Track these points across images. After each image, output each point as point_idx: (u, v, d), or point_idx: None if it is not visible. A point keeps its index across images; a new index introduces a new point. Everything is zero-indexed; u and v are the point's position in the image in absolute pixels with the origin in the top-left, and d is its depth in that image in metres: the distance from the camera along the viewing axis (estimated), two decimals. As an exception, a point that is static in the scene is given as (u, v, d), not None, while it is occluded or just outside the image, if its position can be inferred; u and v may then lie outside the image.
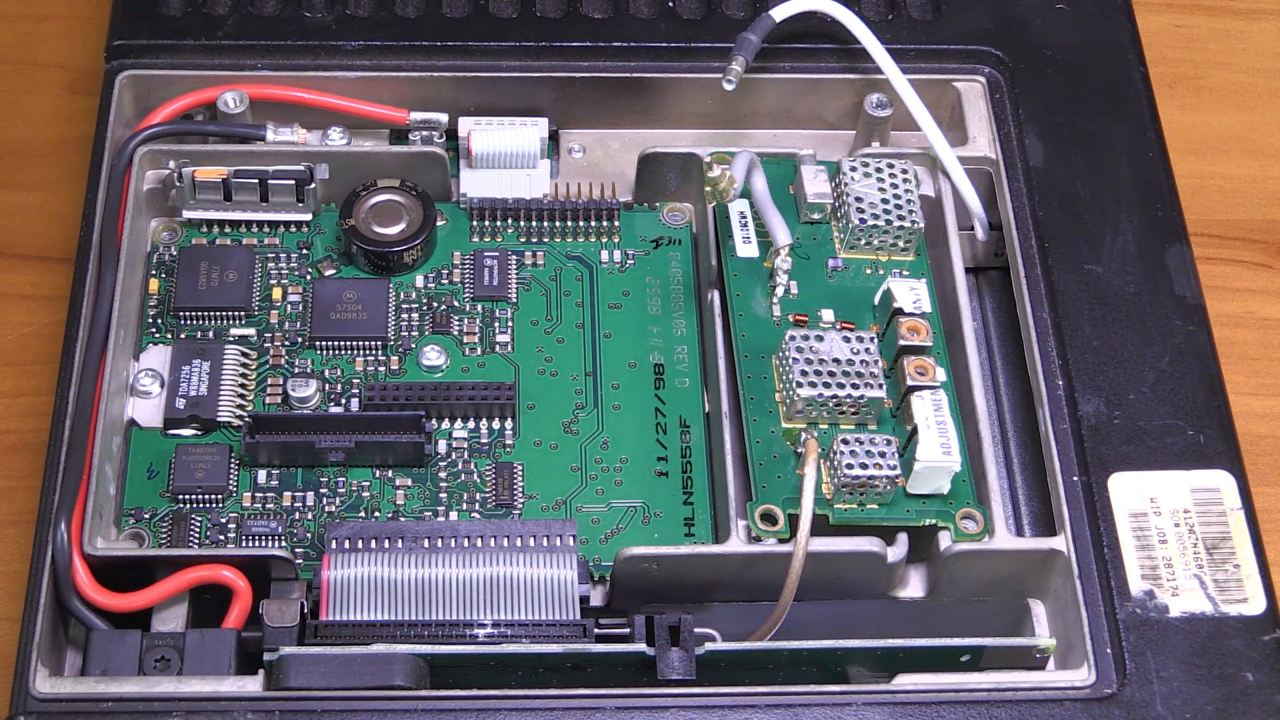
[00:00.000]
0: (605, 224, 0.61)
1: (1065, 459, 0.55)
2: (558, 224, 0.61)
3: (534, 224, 0.61)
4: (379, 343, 0.58)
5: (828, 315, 0.58)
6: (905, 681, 0.50)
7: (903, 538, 0.54)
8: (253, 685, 0.50)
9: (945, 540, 0.54)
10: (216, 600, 0.53)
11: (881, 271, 0.59)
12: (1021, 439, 0.60)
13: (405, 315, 0.59)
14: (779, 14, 0.61)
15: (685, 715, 0.49)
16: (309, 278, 0.60)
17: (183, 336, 0.59)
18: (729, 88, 0.60)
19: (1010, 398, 0.60)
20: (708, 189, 0.59)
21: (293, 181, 0.60)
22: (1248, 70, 0.74)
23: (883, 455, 0.53)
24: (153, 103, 0.62)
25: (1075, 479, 0.54)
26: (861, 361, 0.55)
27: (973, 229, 0.62)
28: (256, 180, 0.60)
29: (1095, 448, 0.55)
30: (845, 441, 0.54)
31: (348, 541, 0.53)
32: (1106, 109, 0.62)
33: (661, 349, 0.59)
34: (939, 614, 0.54)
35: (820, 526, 0.53)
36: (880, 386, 0.55)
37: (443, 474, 0.56)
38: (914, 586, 0.56)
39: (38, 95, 0.72)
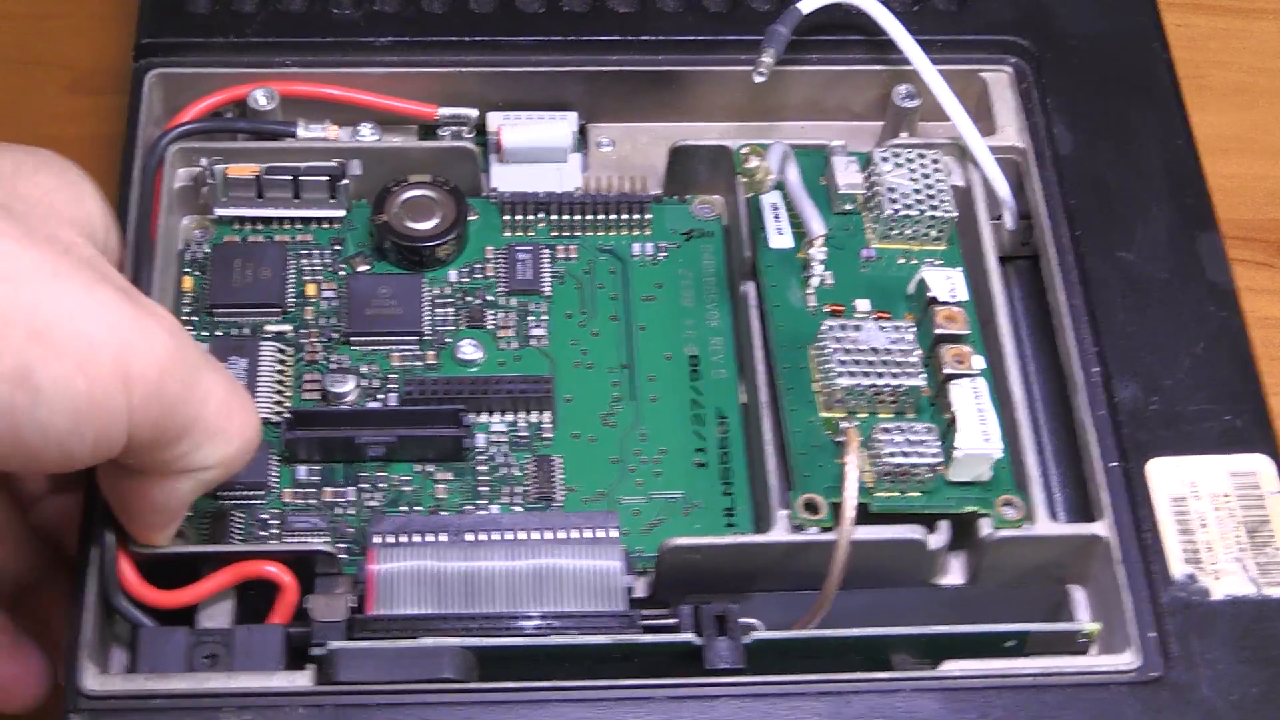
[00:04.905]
0: (636, 217, 0.62)
1: (1103, 445, 0.55)
2: (589, 218, 0.62)
3: (565, 218, 0.61)
4: (415, 338, 0.59)
5: (863, 305, 0.58)
6: (953, 668, 0.51)
7: (944, 525, 0.54)
8: (303, 680, 0.50)
9: (986, 527, 0.54)
10: (261, 596, 0.53)
11: (915, 261, 0.59)
12: (1054, 427, 0.60)
13: (440, 310, 0.59)
14: (806, 6, 0.61)
15: (736, 704, 0.49)
16: (343, 274, 0.60)
17: (218, 334, 0.59)
18: (760, 80, 0.61)
19: (1041, 386, 0.61)
20: (744, 180, 0.59)
21: (325, 178, 0.60)
22: (1248, 70, 0.74)
23: (923, 443, 0.54)
24: (182, 101, 0.62)
25: (1114, 465, 0.55)
26: (900, 350, 0.55)
27: (1001, 218, 0.62)
28: (288, 177, 0.60)
29: (1133, 433, 0.55)
30: (885, 430, 0.54)
31: (391, 536, 0.53)
32: (1134, 98, 0.62)
33: (696, 341, 0.59)
34: (980, 601, 0.54)
35: (861, 515, 0.53)
36: (919, 375, 0.55)
37: (483, 468, 0.56)
38: (954, 574, 0.56)
39: (38, 95, 0.72)
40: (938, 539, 0.54)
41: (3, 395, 0.43)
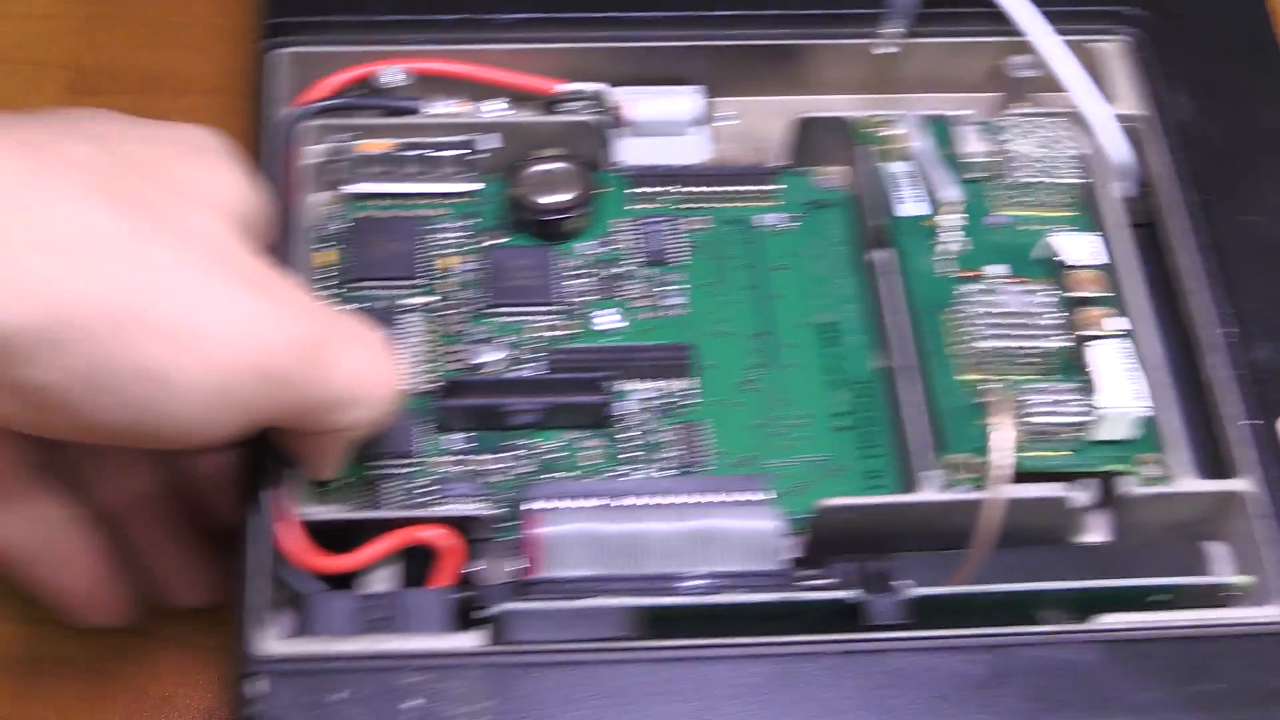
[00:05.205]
0: (763, 188, 0.63)
1: (1240, 403, 0.56)
2: (716, 189, 0.62)
3: (693, 189, 0.62)
4: (554, 308, 0.59)
5: (996, 270, 0.59)
6: (1109, 620, 0.52)
7: (1087, 484, 0.55)
8: (474, 641, 0.51)
9: (1128, 485, 0.55)
10: (420, 561, 0.54)
11: (1044, 227, 0.60)
12: (1181, 389, 0.60)
13: (577, 281, 0.60)
14: (934, -21, 0.63)
15: (904, 658, 0.50)
16: (479, 247, 0.61)
17: (357, 307, 0.59)
18: (888, 52, 0.62)
19: (1167, 349, 0.61)
20: (873, 149, 0.60)
21: (456, 153, 0.61)
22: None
23: (1067, 403, 0.55)
24: (310, 79, 0.63)
25: (1251, 422, 0.56)
26: (1040, 313, 0.56)
27: (1123, 185, 0.63)
28: (420, 152, 0.61)
29: (1269, 391, 0.56)
30: (1030, 390, 0.55)
31: (548, 501, 0.54)
32: (1250, 63, 0.64)
33: (830, 308, 0.60)
34: (1120, 558, 0.55)
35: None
36: (1061, 337, 0.56)
37: (630, 434, 0.57)
38: (1097, 532, 0.57)
39: (38, 95, 0.72)
40: (1081, 498, 0.55)
41: (132, 392, 0.44)
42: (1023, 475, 0.55)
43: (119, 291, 0.44)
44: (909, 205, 0.60)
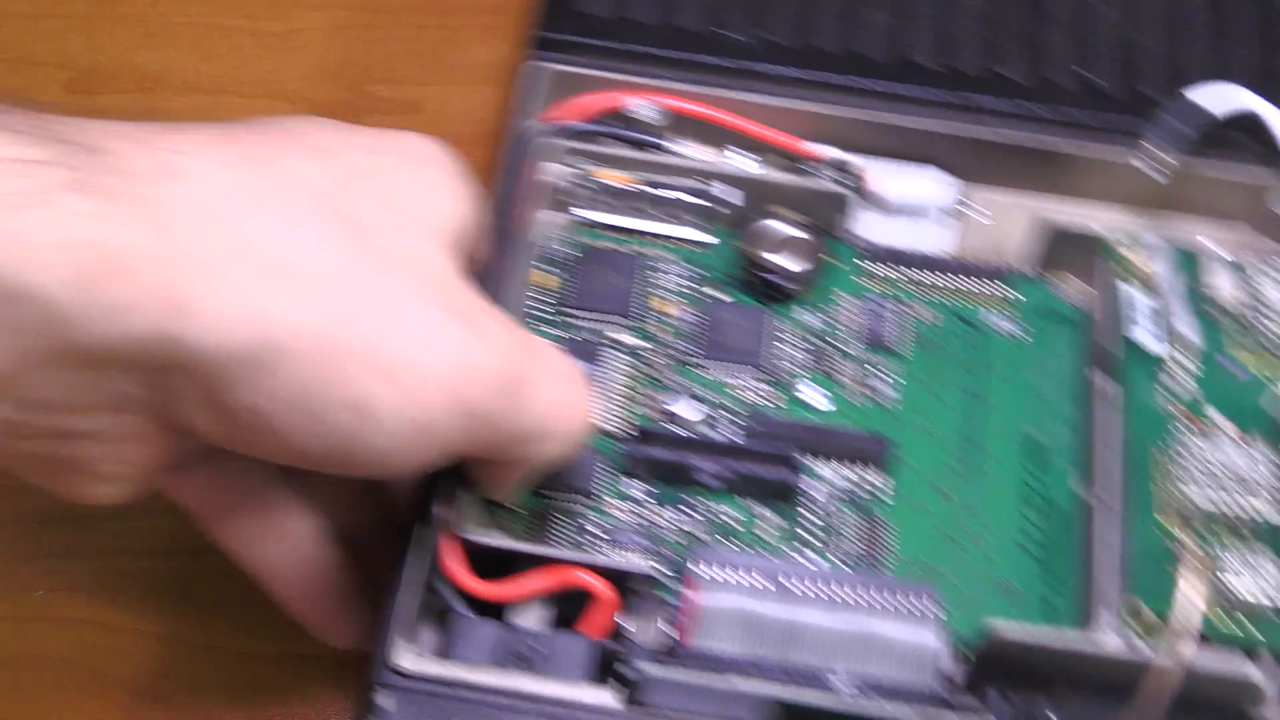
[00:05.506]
0: (1000, 291, 0.61)
1: None
2: (951, 283, 0.61)
3: (927, 278, 0.61)
4: (762, 374, 0.58)
5: (1219, 419, 0.56)
6: (1269, 814, 0.49)
7: (1274, 665, 0.52)
8: (609, 698, 0.50)
9: (1316, 675, 0.52)
10: (570, 601, 0.53)
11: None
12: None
13: (789, 349, 0.59)
14: (1215, 107, 0.60)
15: (1042, 810, 0.48)
16: (700, 298, 0.60)
17: (567, 336, 0.59)
18: (1157, 179, 0.59)
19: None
20: (1117, 272, 0.58)
21: (694, 199, 0.60)
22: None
23: (1267, 577, 0.52)
24: (563, 98, 0.63)
25: None
26: (1258, 475, 0.54)
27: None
28: (659, 191, 0.61)
29: None
30: (1232, 556, 0.52)
31: (713, 568, 0.53)
32: None
33: (1043, 426, 0.58)
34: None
35: (1190, 637, 0.51)
36: (1274, 506, 0.53)
37: (811, 516, 0.56)
38: (1275, 715, 0.54)
39: (37, 95, 0.71)
40: (1266, 679, 0.52)
41: (340, 422, 0.44)
42: (1205, 639, 0.52)
43: (331, 320, 0.43)
44: (1144, 335, 0.58)
